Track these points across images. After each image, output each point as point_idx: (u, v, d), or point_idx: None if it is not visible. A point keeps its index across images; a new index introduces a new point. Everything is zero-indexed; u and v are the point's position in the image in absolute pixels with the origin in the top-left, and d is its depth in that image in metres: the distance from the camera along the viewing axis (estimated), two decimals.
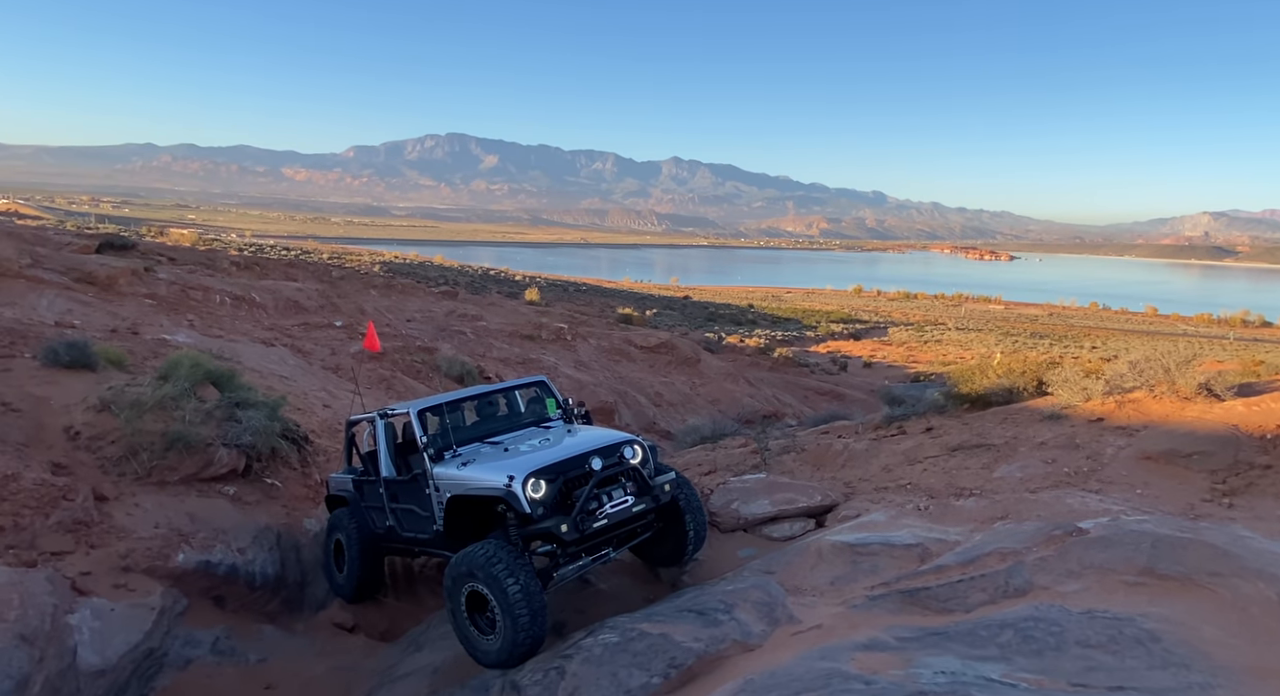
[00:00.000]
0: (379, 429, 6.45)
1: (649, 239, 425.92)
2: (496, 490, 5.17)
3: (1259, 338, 55.42)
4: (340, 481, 7.29)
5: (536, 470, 5.16)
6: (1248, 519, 5.46)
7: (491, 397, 6.75)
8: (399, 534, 6.43)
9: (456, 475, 5.51)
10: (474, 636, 5.09)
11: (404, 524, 6.35)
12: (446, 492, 5.57)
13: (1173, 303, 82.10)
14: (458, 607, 5.13)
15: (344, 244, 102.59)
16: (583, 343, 23.34)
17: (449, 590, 5.13)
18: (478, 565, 4.91)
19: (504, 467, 5.28)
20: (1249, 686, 3.56)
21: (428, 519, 5.91)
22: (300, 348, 14.36)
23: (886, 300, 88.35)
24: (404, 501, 6.26)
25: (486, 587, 4.88)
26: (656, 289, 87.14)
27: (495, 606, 4.87)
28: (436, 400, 6.33)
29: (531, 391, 6.87)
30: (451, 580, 5.09)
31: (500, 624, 4.89)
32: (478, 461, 5.57)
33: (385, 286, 26.60)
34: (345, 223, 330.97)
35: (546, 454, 5.51)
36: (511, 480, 5.09)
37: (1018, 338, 56.23)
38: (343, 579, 7.05)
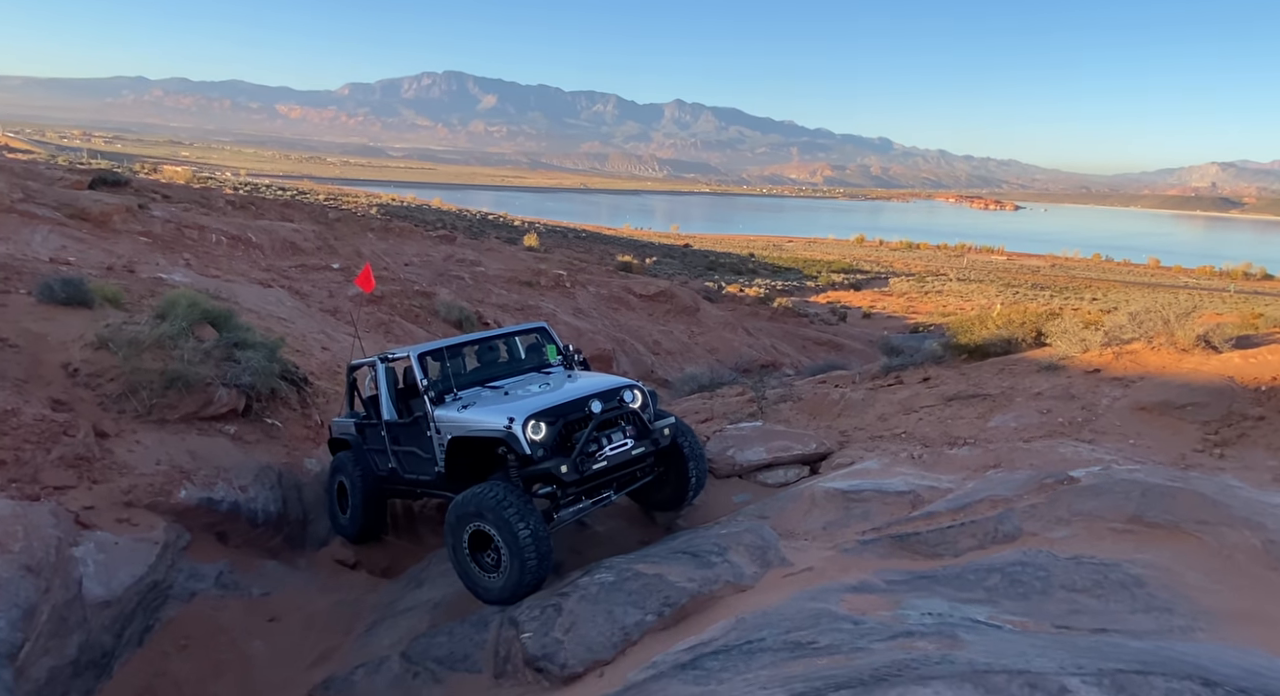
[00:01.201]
0: (380, 373, 6.47)
1: (650, 185, 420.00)
2: (497, 431, 5.21)
3: (1260, 290, 55.30)
4: (343, 425, 7.33)
5: (536, 412, 5.18)
6: (1238, 469, 5.52)
7: (492, 343, 6.76)
8: (401, 476, 6.49)
9: (457, 417, 5.55)
10: (476, 574, 5.16)
11: (405, 466, 6.41)
12: (447, 434, 5.61)
13: (1176, 255, 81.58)
14: (460, 546, 5.18)
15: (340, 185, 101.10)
16: (582, 290, 23.23)
17: (452, 528, 5.18)
18: (486, 506, 4.95)
19: (504, 410, 5.32)
20: (1229, 630, 3.65)
21: (429, 461, 5.96)
22: (298, 289, 14.28)
23: (889, 250, 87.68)
24: (405, 444, 6.31)
25: (494, 528, 4.93)
26: (657, 236, 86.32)
27: (502, 547, 4.93)
28: (437, 344, 6.34)
29: (532, 338, 6.87)
30: (456, 518, 5.13)
31: (505, 563, 4.96)
32: (478, 404, 5.61)
33: (382, 229, 26.31)
34: (342, 163, 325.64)
35: (546, 397, 5.54)
36: (511, 422, 5.12)
37: (1019, 289, 56.05)
38: (346, 520, 7.14)
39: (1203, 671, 3.06)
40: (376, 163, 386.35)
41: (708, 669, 3.79)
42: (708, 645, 4.10)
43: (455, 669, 4.71)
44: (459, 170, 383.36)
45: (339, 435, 7.41)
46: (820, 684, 3.32)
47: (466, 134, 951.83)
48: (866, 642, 3.69)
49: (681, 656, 4.04)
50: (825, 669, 3.49)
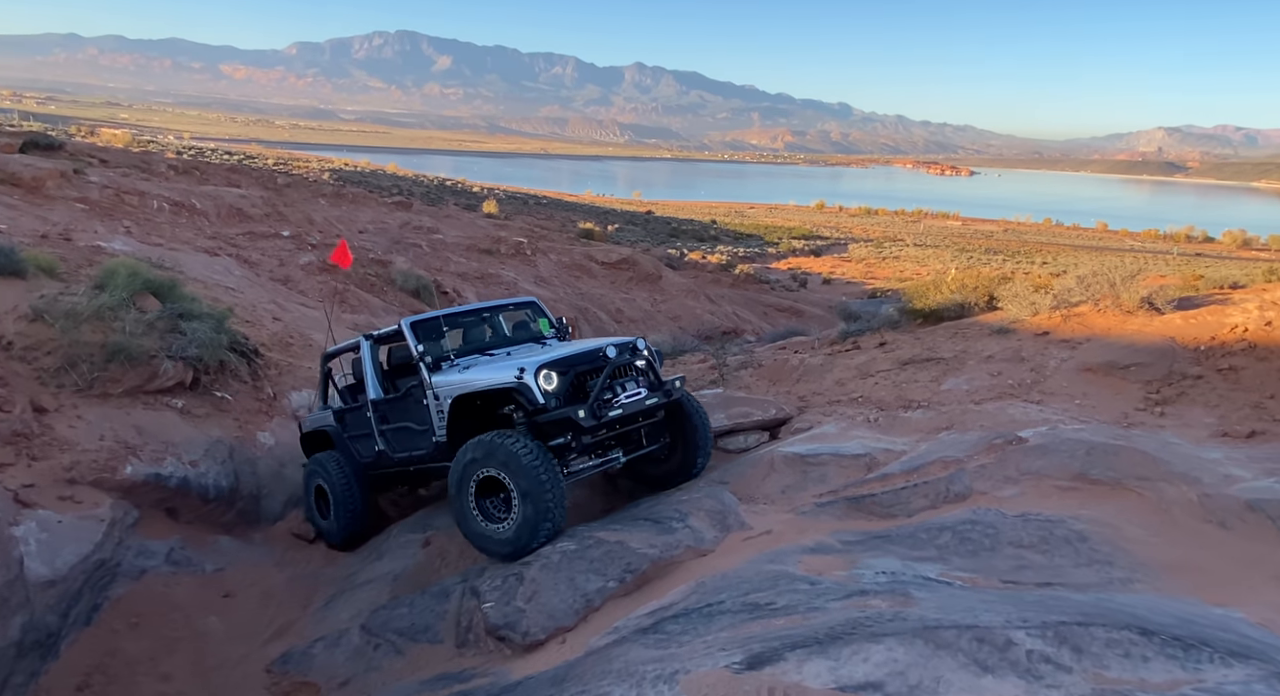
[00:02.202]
0: (365, 351, 6.24)
1: (611, 150, 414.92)
2: (507, 383, 5.10)
3: (1201, 252, 57.26)
4: (318, 418, 7.00)
5: (547, 362, 5.10)
6: (1177, 426, 5.74)
7: (485, 314, 6.58)
8: (390, 457, 6.22)
9: (459, 378, 5.43)
10: (480, 525, 4.98)
11: (397, 444, 6.15)
12: (449, 397, 5.44)
13: (1123, 218, 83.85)
14: (464, 493, 5.01)
15: (290, 149, 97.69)
16: (543, 257, 22.96)
17: (459, 475, 4.99)
18: (498, 450, 4.80)
19: (512, 364, 5.22)
20: (1165, 580, 3.81)
21: (424, 432, 5.77)
22: (246, 258, 13.82)
23: (848, 216, 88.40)
24: (396, 420, 6.08)
25: (506, 472, 4.78)
26: (619, 203, 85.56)
27: (513, 491, 4.79)
28: (429, 314, 6.18)
29: (522, 313, 6.69)
30: (464, 465, 4.96)
31: (516, 510, 4.80)
32: (480, 366, 5.53)
33: (335, 195, 25.54)
34: (291, 126, 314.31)
35: (556, 351, 5.47)
36: (522, 372, 5.02)
37: (973, 254, 57.11)
38: (331, 523, 6.72)
39: (1140, 621, 3.19)
40: (327, 126, 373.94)
41: (668, 632, 3.84)
42: (668, 609, 4.15)
43: (416, 640, 4.70)
44: (414, 134, 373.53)
45: (314, 429, 7.02)
46: (777, 643, 3.38)
47: (421, 96, 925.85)
48: (822, 602, 3.77)
49: (643, 620, 4.08)
50: (782, 629, 3.55)
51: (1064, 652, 3.04)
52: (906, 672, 3.03)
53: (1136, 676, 2.89)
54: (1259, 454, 5.07)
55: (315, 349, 9.37)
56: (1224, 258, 51.14)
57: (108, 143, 30.74)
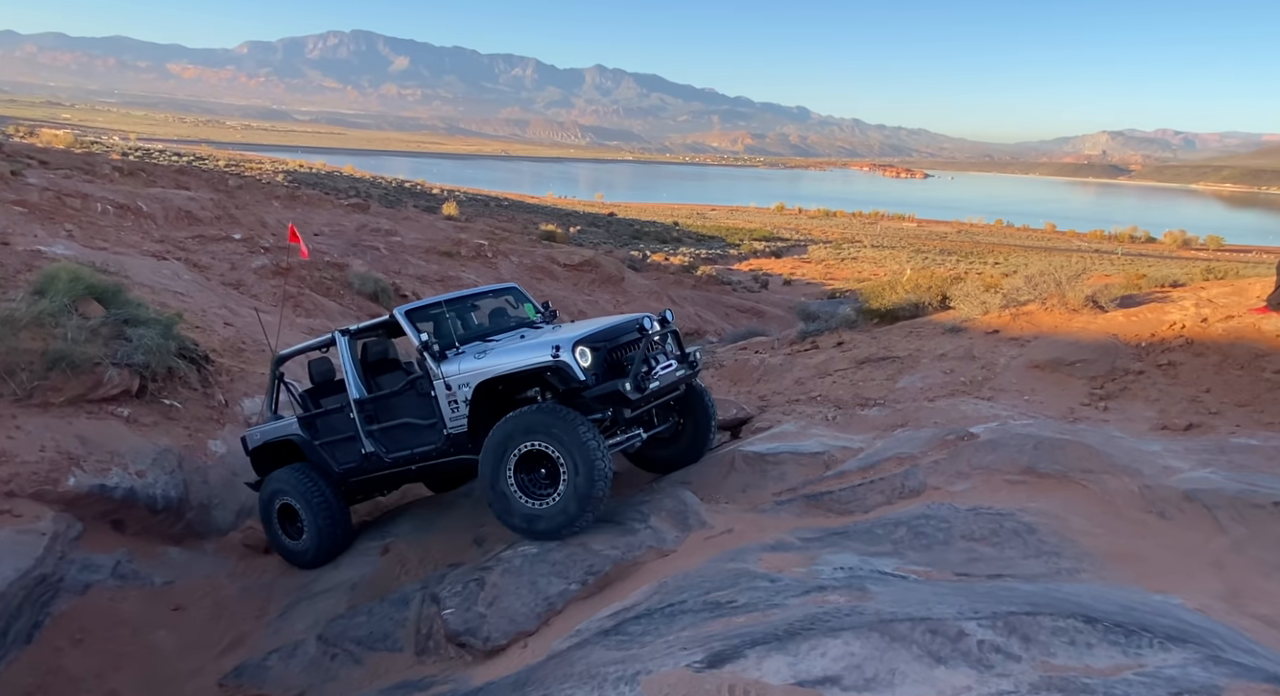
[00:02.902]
0: (343, 347, 5.84)
1: (573, 152, 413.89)
2: (542, 363, 4.86)
3: (1144, 252, 59.37)
4: (275, 429, 6.37)
5: (582, 338, 4.91)
6: (1120, 420, 5.95)
7: (474, 301, 6.27)
8: (381, 459, 5.78)
9: (479, 365, 5.12)
10: (524, 503, 4.79)
11: (393, 444, 5.73)
12: (470, 384, 5.13)
13: (1070, 219, 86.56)
14: (503, 472, 4.78)
15: (242, 150, 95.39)
16: (504, 260, 22.79)
17: (497, 454, 4.78)
18: (544, 421, 4.64)
19: (542, 343, 4.99)
20: (1109, 569, 3.95)
21: (431, 427, 5.44)
22: (196, 262, 13.45)
23: (807, 218, 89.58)
24: (390, 417, 5.69)
25: (555, 445, 4.61)
26: (581, 205, 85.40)
27: (563, 463, 4.62)
28: (423, 302, 5.92)
29: (504, 300, 6.40)
30: (501, 441, 4.76)
31: (567, 483, 4.64)
32: (496, 350, 5.23)
33: (289, 197, 25.00)
34: (243, 127, 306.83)
35: (585, 328, 5.23)
36: (558, 350, 4.81)
37: (928, 254, 58.35)
38: (303, 544, 6.14)
39: (1085, 609, 3.30)
40: (281, 127, 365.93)
41: (630, 633, 3.84)
42: (630, 610, 4.16)
43: (375, 648, 4.63)
44: (371, 135, 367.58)
45: (269, 441, 6.40)
46: (738, 641, 3.42)
47: (378, 97, 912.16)
48: (782, 599, 3.82)
49: (605, 622, 4.08)
50: (743, 626, 3.59)
51: (1013, 642, 3.12)
52: (863, 666, 3.08)
53: (1082, 663, 2.99)
54: (1195, 446, 5.28)
55: (269, 354, 9.16)
56: (1165, 257, 53.13)
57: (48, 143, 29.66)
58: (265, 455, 6.55)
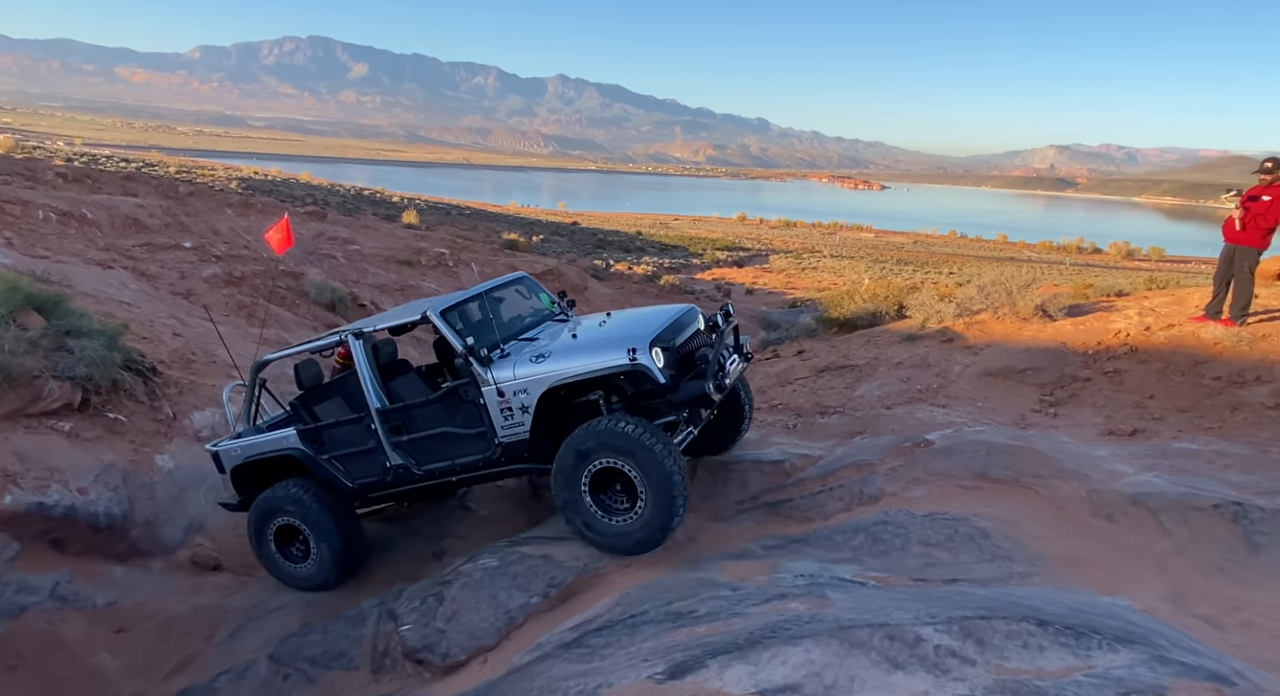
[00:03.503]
0: (359, 352, 5.28)
1: (535, 161, 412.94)
2: (617, 366, 4.54)
3: (1091, 263, 61.35)
4: (265, 443, 5.70)
5: (655, 338, 4.64)
6: (1069, 426, 6.12)
7: (498, 294, 5.76)
8: (412, 472, 5.29)
9: (541, 369, 4.72)
10: (606, 522, 4.58)
11: (428, 455, 5.26)
12: (530, 391, 4.73)
13: (1020, 231, 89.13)
14: (579, 492, 4.56)
15: (194, 156, 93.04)
16: (466, 269, 22.58)
17: (569, 475, 4.54)
18: (617, 437, 4.35)
19: (609, 343, 4.69)
20: (1060, 572, 4.05)
21: (480, 436, 5.01)
22: (144, 271, 13.03)
23: (768, 228, 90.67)
24: (427, 426, 5.22)
25: (630, 463, 4.36)
26: (544, 214, 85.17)
27: (639, 481, 4.39)
28: (456, 298, 5.37)
29: (518, 290, 5.93)
30: (573, 461, 4.50)
31: (646, 501, 4.41)
32: (555, 351, 4.82)
33: (243, 204, 24.44)
34: (195, 132, 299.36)
35: (650, 325, 4.91)
36: (634, 352, 4.50)
37: (885, 264, 59.48)
38: (309, 568, 5.61)
39: (1036, 612, 3.37)
40: (235, 133, 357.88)
41: (591, 646, 3.81)
42: (592, 622, 4.13)
43: (330, 667, 4.51)
44: (329, 142, 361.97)
45: (257, 457, 5.73)
46: (699, 651, 3.41)
47: (336, 104, 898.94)
48: (744, 608, 3.83)
49: (566, 635, 4.05)
50: (705, 636, 3.59)
51: (968, 646, 3.18)
52: (823, 673, 3.11)
53: (1034, 665, 3.05)
54: (1140, 450, 5.46)
55: (220, 366, 8.91)
56: (1111, 267, 54.96)
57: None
58: (249, 471, 5.90)
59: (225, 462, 5.93)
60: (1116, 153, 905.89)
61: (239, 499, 5.99)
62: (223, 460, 5.94)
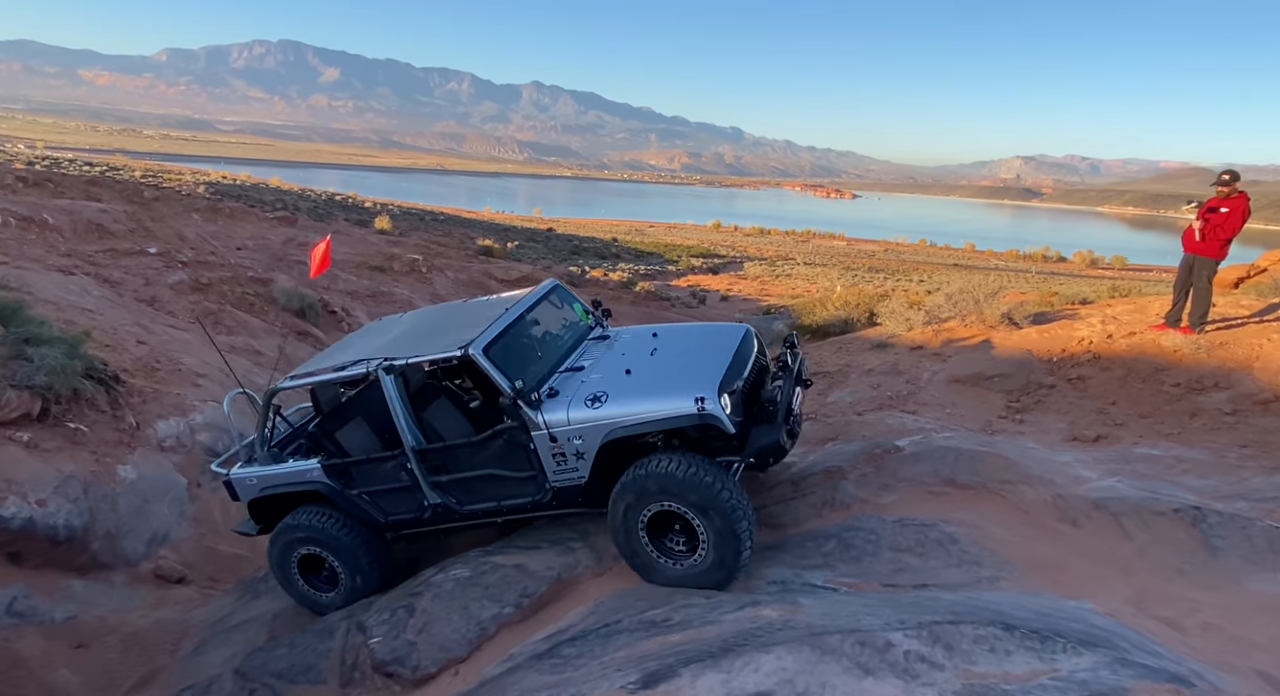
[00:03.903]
0: (390, 389, 4.83)
1: (510, 167, 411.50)
2: (683, 415, 4.20)
3: (1056, 271, 62.63)
4: (285, 476, 5.22)
5: (722, 382, 4.32)
6: (1034, 432, 6.24)
7: (534, 316, 5.26)
8: (453, 511, 4.96)
9: (597, 415, 4.35)
10: (665, 565, 4.33)
11: (471, 496, 4.91)
12: (585, 438, 4.39)
13: (988, 239, 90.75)
14: (636, 539, 4.32)
15: (161, 160, 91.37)
16: (439, 275, 22.41)
17: (623, 517, 4.30)
18: (676, 481, 4.10)
19: (672, 388, 4.35)
20: (1027, 577, 4.12)
21: (528, 479, 4.68)
22: (107, 277, 12.75)
23: (743, 236, 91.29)
24: (470, 468, 4.84)
25: (689, 507, 4.12)
26: (519, 220, 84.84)
27: (700, 527, 4.14)
28: (497, 328, 4.82)
29: (551, 301, 5.46)
30: (630, 501, 4.24)
31: (709, 548, 4.16)
32: (613, 391, 4.42)
33: (210, 210, 24.04)
34: (162, 136, 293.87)
35: (704, 360, 4.59)
36: (702, 402, 4.16)
37: (857, 272, 60.18)
38: (337, 597, 5.24)
39: (1003, 616, 3.43)
40: (203, 137, 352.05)
41: (564, 656, 3.79)
42: (565, 632, 4.11)
43: (297, 682, 4.43)
44: (300, 147, 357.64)
45: (276, 491, 5.27)
46: (672, 660, 3.41)
47: (308, 108, 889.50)
48: (717, 615, 3.84)
49: (539, 646, 4.02)
50: (678, 645, 3.59)
51: (937, 651, 3.21)
52: (795, 680, 3.12)
53: (1001, 669, 3.10)
54: (1103, 456, 5.58)
55: (185, 373, 8.74)
56: (1075, 276, 56.16)
57: None
58: (267, 502, 5.44)
59: (241, 494, 5.43)
60: (1080, 163, 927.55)
61: (258, 528, 5.54)
62: (237, 490, 5.43)
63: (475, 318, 5.08)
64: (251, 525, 5.54)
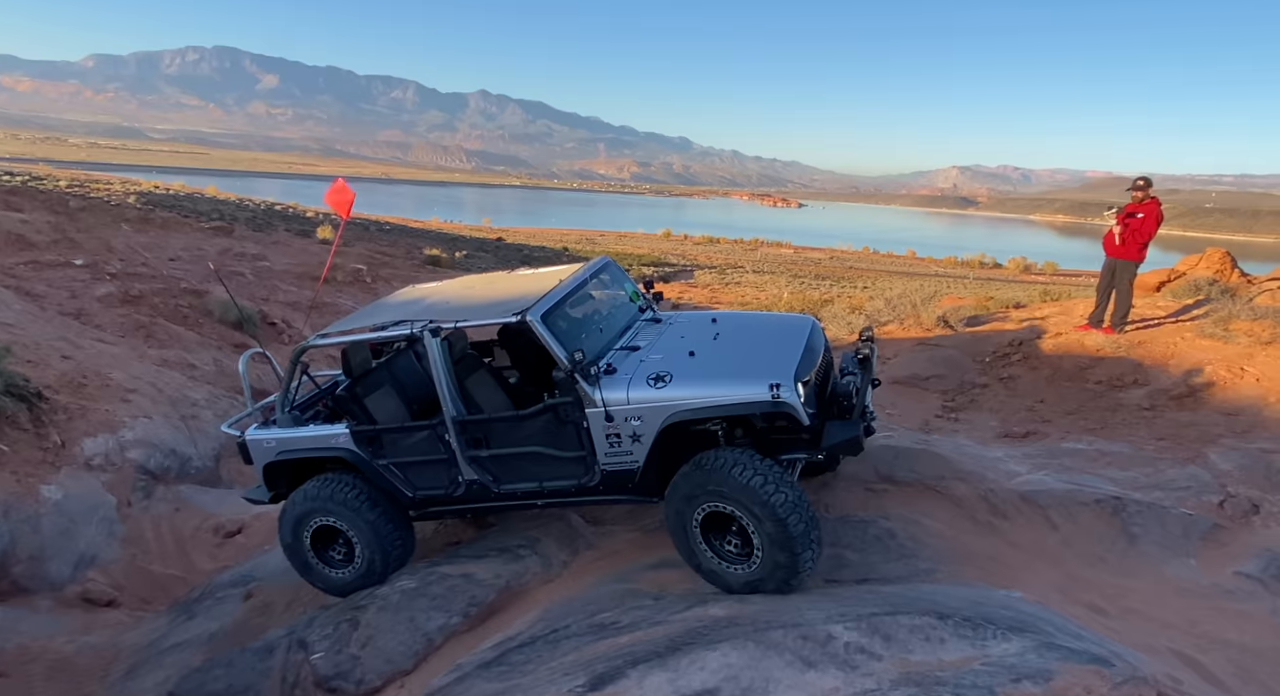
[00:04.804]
0: (435, 352, 4.52)
1: (458, 177, 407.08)
2: (755, 401, 3.92)
3: (992, 277, 64.84)
4: (308, 440, 4.90)
5: (797, 372, 4.03)
6: (968, 430, 6.48)
7: (589, 290, 4.99)
8: (489, 490, 4.66)
9: (660, 396, 4.06)
10: (723, 568, 4.06)
11: (511, 474, 4.62)
12: (645, 419, 4.11)
13: (928, 246, 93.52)
14: (692, 535, 4.07)
15: (88, 169, 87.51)
16: (385, 285, 21.99)
17: (678, 515, 4.06)
18: (727, 483, 3.85)
19: (744, 373, 4.10)
20: (962, 568, 4.28)
21: (576, 460, 4.39)
22: (29, 290, 12.16)
23: (693, 244, 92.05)
24: (513, 443, 4.57)
25: (743, 511, 3.85)
26: (468, 229, 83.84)
27: (753, 532, 3.87)
28: (555, 295, 4.54)
29: (601, 278, 5.17)
30: (682, 500, 4.02)
31: (763, 554, 3.87)
32: (676, 372, 4.15)
33: (141, 220, 23.14)
34: (89, 145, 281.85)
35: (775, 347, 4.34)
36: (776, 388, 3.89)
37: (804, 279, 61.28)
38: (349, 575, 4.94)
39: (938, 606, 3.55)
40: (134, 145, 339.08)
41: (512, 663, 3.78)
42: (513, 639, 4.10)
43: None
44: (238, 155, 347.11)
45: (296, 455, 4.96)
46: (620, 661, 3.44)
47: (245, 116, 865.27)
48: (665, 616, 3.88)
49: (487, 654, 4.00)
50: (626, 646, 3.62)
51: (876, 642, 3.32)
52: (740, 676, 3.18)
53: (936, 657, 3.21)
54: (1032, 451, 5.83)
55: (114, 389, 8.39)
56: (1010, 281, 58.26)
57: None
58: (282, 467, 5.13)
59: (255, 457, 5.07)
60: (1013, 173, 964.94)
61: (270, 495, 5.21)
62: (252, 453, 5.08)
63: (524, 287, 4.80)
64: (264, 491, 5.20)
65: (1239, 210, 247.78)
